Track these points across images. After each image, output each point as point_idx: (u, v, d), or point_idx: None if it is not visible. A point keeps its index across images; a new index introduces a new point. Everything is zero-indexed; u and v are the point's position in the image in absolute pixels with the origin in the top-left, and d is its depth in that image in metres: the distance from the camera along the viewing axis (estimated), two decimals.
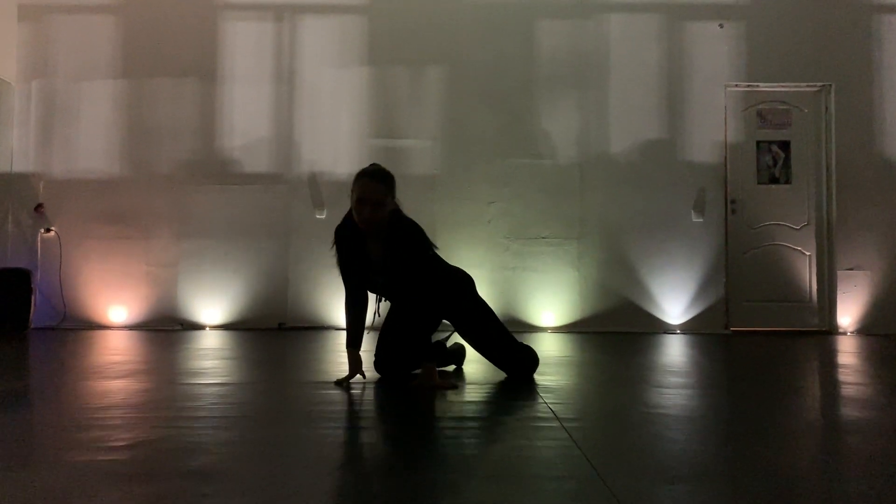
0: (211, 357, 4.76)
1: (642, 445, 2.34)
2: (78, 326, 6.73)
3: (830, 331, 6.84)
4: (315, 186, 6.88)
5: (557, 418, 2.63)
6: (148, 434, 2.38)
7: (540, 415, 2.72)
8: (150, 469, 1.98)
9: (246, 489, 1.83)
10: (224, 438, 2.36)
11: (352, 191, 3.32)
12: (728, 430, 2.63)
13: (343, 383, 3.40)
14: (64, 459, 2.08)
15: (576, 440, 2.27)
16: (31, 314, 6.51)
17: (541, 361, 4.60)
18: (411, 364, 3.68)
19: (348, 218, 3.41)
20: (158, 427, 2.50)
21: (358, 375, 3.44)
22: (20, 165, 6.95)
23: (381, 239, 3.33)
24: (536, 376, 3.80)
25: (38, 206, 6.86)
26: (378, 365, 3.67)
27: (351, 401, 3.10)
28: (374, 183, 3.27)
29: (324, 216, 6.85)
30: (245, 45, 6.98)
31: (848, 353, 5.52)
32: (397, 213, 3.35)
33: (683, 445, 2.37)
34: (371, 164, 3.44)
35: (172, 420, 2.64)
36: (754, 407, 3.12)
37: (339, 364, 4.42)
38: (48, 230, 6.86)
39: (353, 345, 3.46)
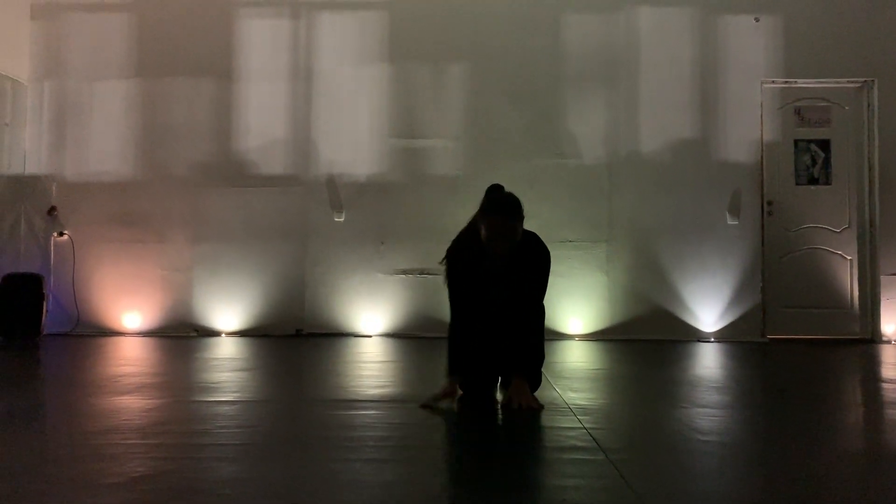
0: (225, 368, 4.57)
1: (704, 486, 2.08)
2: (91, 332, 6.60)
3: (873, 339, 6.56)
4: (333, 188, 6.71)
5: (601, 449, 2.37)
6: (146, 467, 2.14)
7: (581, 444, 2.46)
8: None
9: None
10: (231, 475, 2.12)
11: (483, 221, 3.17)
12: (781, 463, 2.37)
13: (432, 405, 3.14)
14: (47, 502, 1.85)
15: (628, 481, 2.01)
16: (44, 320, 6.35)
17: (572, 374, 4.43)
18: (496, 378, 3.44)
19: (464, 237, 3.30)
20: (159, 458, 2.26)
21: (447, 400, 3.19)
22: (33, 167, 6.83)
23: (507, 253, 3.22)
24: (570, 393, 3.55)
25: (52, 209, 6.73)
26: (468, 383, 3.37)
27: (372, 426, 2.86)
28: (511, 223, 3.15)
29: (342, 219, 6.70)
30: (261, 43, 6.82)
31: (893, 364, 5.26)
32: (528, 234, 3.26)
33: (742, 487, 2.11)
34: (499, 193, 3.24)
35: (176, 449, 2.41)
36: (801, 432, 2.86)
37: (360, 377, 4.21)
38: (61, 234, 6.74)
39: (456, 371, 3.24)
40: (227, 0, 6.84)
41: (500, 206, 3.18)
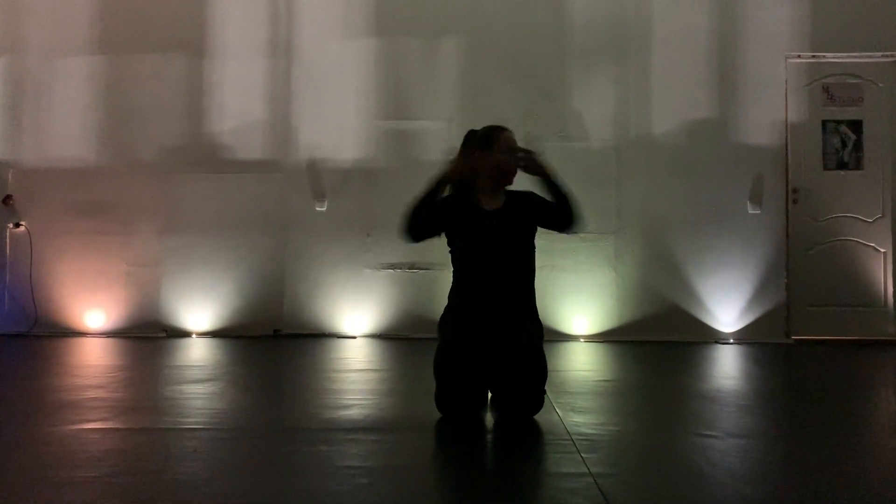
0: (189, 378, 4.12)
1: None
2: (51, 332, 6.20)
3: None
4: (315, 175, 6.33)
5: None
6: None
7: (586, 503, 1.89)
8: None
9: None
10: None
11: (469, 138, 3.30)
12: None
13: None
14: None
15: None
16: None
17: (576, 387, 3.95)
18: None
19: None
20: None
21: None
22: None
23: (499, 194, 3.26)
24: (574, 416, 3.01)
25: (7, 198, 6.39)
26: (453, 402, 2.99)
27: (350, 471, 2.31)
28: (509, 133, 3.26)
29: (325, 208, 6.32)
30: (237, 16, 6.44)
31: None
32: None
33: None
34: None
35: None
36: (844, 464, 2.37)
37: (340, 393, 3.69)
38: (18, 225, 6.39)
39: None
40: None
41: (496, 126, 3.30)
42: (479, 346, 3.01)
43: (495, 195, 3.21)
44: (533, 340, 3.10)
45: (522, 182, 3.29)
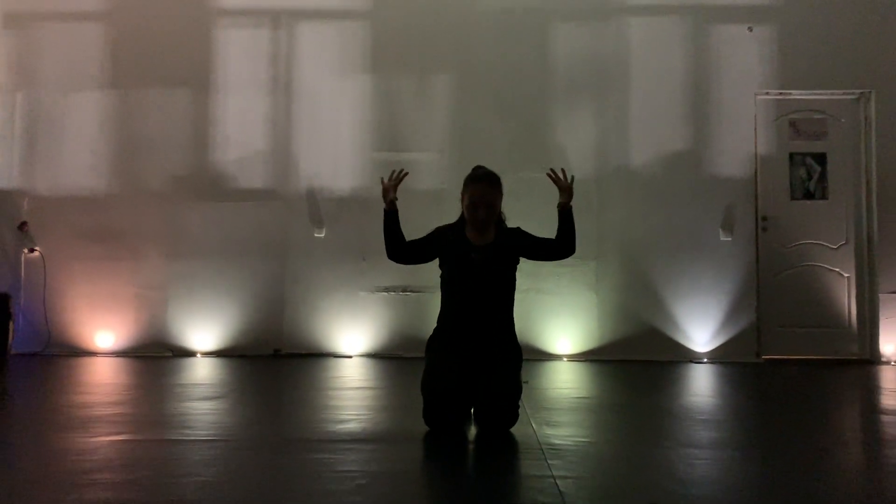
0: (194, 396, 4.37)
1: None
2: (63, 352, 6.36)
3: (872, 360, 6.31)
4: (314, 203, 6.49)
5: None
6: None
7: (544, 500, 2.24)
8: None
9: None
10: None
11: (463, 194, 3.49)
12: None
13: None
14: None
15: None
16: (10, 341, 6.13)
17: (553, 403, 4.22)
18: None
19: (452, 225, 3.57)
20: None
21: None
22: (3, 181, 6.59)
23: (487, 234, 3.50)
24: (547, 429, 3.34)
25: (22, 225, 6.51)
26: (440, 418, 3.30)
27: (341, 476, 2.64)
28: (489, 187, 3.45)
29: (322, 234, 6.47)
30: (240, 53, 6.59)
31: (893, 388, 5.04)
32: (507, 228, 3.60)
33: None
34: (477, 168, 3.56)
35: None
36: (803, 477, 2.64)
37: (336, 409, 3.99)
38: (32, 250, 6.51)
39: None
40: (205, 9, 6.60)
41: (482, 175, 3.48)
42: (462, 367, 3.34)
43: (483, 232, 3.48)
44: (510, 364, 3.42)
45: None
